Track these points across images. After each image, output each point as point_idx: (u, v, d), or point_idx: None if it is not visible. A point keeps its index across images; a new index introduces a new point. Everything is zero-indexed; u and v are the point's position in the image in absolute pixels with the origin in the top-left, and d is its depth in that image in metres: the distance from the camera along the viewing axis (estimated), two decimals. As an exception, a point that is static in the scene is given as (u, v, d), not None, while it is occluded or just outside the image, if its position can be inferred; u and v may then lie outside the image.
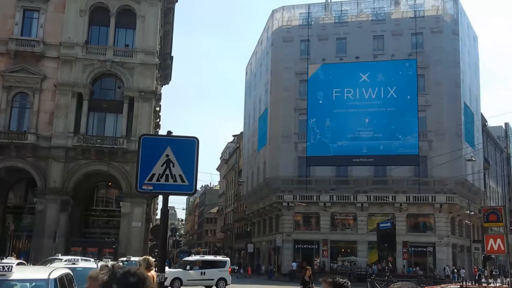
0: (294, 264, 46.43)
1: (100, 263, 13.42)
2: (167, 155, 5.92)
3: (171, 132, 6.21)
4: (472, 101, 55.76)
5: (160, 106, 48.07)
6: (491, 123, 70.15)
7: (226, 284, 30.07)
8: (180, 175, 5.92)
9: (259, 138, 58.88)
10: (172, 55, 49.38)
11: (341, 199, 48.85)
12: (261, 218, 59.03)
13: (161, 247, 6.32)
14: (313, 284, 14.63)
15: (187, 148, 6.05)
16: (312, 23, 53.34)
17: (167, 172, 5.89)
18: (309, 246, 49.81)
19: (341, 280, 3.61)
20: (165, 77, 49.74)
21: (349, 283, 3.71)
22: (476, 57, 59.73)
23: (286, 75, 52.90)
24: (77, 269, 11.89)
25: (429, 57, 50.00)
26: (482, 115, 61.67)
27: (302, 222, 51.04)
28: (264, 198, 55.25)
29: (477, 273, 45.14)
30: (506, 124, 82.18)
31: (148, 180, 5.87)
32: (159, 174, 5.88)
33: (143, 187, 5.90)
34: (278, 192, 50.89)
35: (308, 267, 14.82)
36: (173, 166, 5.92)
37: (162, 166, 5.89)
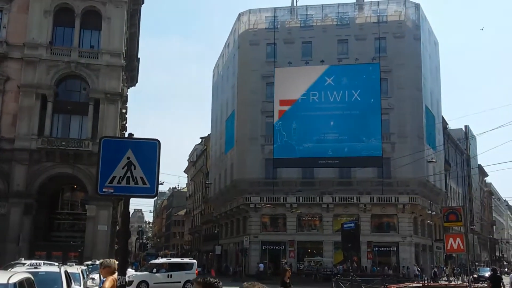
0: (261, 265, 46.47)
1: (64, 268, 13.15)
2: (128, 158, 5.87)
3: (133, 135, 6.14)
4: (433, 104, 56.98)
5: (126, 108, 47.42)
6: (451, 125, 71.97)
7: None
8: (141, 178, 5.87)
9: (227, 140, 58.79)
10: (138, 57, 48.84)
11: (307, 201, 49.17)
12: (228, 220, 58.90)
13: (122, 250, 6.24)
14: (292, 286, 14.54)
15: (148, 150, 6.00)
16: (278, 26, 53.66)
17: (128, 174, 5.83)
18: (276, 247, 49.94)
19: (211, 280, 3.59)
20: (131, 79, 49.12)
21: (220, 283, 3.66)
22: (437, 62, 61.06)
23: (253, 78, 53.01)
24: (39, 273, 11.64)
25: (392, 61, 50.86)
26: (443, 118, 63.09)
27: (269, 224, 51.14)
28: (231, 200, 55.15)
29: (433, 271, 45.83)
30: (466, 127, 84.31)
31: (109, 183, 5.80)
32: (120, 176, 5.81)
33: (104, 190, 5.82)
34: (245, 194, 50.88)
35: (288, 268, 14.69)
36: (135, 169, 5.87)
37: (123, 168, 5.83)
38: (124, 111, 45.09)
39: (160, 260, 33.64)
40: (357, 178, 49.37)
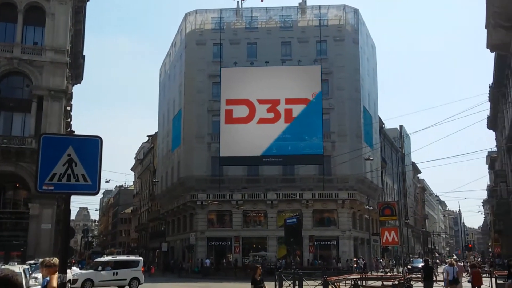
0: (207, 261, 46.29)
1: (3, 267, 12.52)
2: (69, 155, 5.62)
3: (74, 132, 5.93)
4: (371, 104, 58.48)
5: (71, 106, 45.79)
6: (387, 125, 74.09)
7: (139, 284, 29.38)
8: (82, 175, 5.64)
9: (173, 138, 58.08)
10: (84, 54, 47.33)
11: (252, 197, 49.35)
12: (175, 217, 58.26)
13: (62, 248, 5.96)
14: (263, 284, 14.23)
15: (90, 148, 5.78)
16: (224, 27, 53.51)
17: (69, 171, 5.59)
18: (222, 243, 49.88)
19: (8, 275, 3.16)
20: (76, 76, 47.52)
21: (19, 277, 3.25)
22: (374, 64, 62.71)
23: (200, 77, 52.63)
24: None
25: (332, 63, 51.82)
26: (379, 118, 64.86)
27: (215, 220, 50.95)
28: (178, 197, 54.56)
29: (363, 263, 46.33)
30: (401, 126, 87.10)
31: (49, 180, 5.53)
32: (61, 174, 5.56)
33: (44, 187, 5.55)
34: (192, 191, 50.47)
35: (258, 265, 14.35)
36: (76, 166, 5.63)
37: (63, 165, 5.58)
38: (68, 108, 43.49)
39: (106, 258, 32.80)
40: (300, 175, 49.99)
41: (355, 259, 47.17)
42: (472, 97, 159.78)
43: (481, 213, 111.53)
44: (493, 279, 24.51)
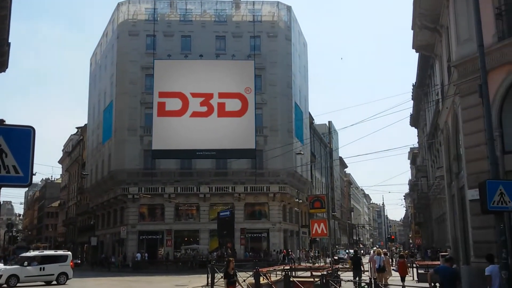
0: (138, 255, 45.34)
1: None
2: (-1, 145, 5.19)
3: (4, 121, 5.46)
4: (302, 101, 59.50)
5: (-6, 95, 43.19)
6: (317, 121, 75.80)
7: (68, 279, 28.28)
8: (13, 166, 5.22)
9: (104, 130, 56.23)
10: (9, 41, 44.64)
11: (185, 191, 48.85)
12: (105, 211, 56.57)
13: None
14: (237, 277, 13.94)
15: (21, 138, 5.35)
16: (158, 19, 52.34)
17: (-1, 163, 5.16)
18: (154, 237, 49.00)
19: None
20: (1, 64, 44.78)
21: None
22: (306, 61, 63.79)
23: (132, 68, 51.26)
24: None
25: (265, 59, 52.16)
26: (310, 114, 66.14)
27: (147, 214, 49.96)
28: (108, 190, 52.99)
29: (281, 255, 46.92)
30: (330, 123, 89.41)
31: (-25, 172, 5.08)
32: (-10, 165, 5.12)
33: (-31, 179, 5.09)
34: (123, 185, 49.18)
35: (231, 258, 13.93)
36: (6, 157, 5.20)
37: (-7, 156, 5.14)
38: (-8, 98, 40.95)
39: (32, 253, 31.25)
40: (232, 169, 50.04)
41: (285, 250, 47.94)
42: (397, 95, 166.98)
43: (403, 206, 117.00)
44: (415, 269, 25.65)
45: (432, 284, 11.60)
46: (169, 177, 49.39)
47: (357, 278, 21.25)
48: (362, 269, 24.27)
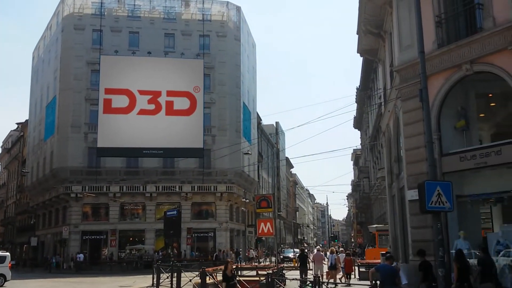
0: (81, 255, 44.06)
1: None
2: None
3: None
4: (250, 101, 59.77)
5: None
6: (265, 121, 76.34)
7: (6, 280, 27.12)
8: None
9: (47, 127, 54.25)
10: None
11: (130, 190, 47.94)
12: (46, 210, 54.60)
13: None
14: (236, 280, 13.05)
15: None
16: (105, 13, 51.00)
17: None
18: (98, 237, 47.75)
19: None
20: None
21: None
22: (254, 62, 64.14)
23: (77, 63, 49.79)
24: None
25: (214, 58, 52.05)
26: (257, 114, 66.54)
27: (90, 213, 48.63)
28: (50, 189, 51.19)
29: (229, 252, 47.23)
30: (277, 123, 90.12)
31: None
32: None
33: None
34: (66, 183, 47.67)
35: (230, 260, 13.07)
36: None
37: None
38: None
39: (-34, 255, 29.70)
40: (180, 168, 49.56)
41: (233, 250, 48.12)
42: (343, 98, 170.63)
43: (346, 206, 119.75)
44: (356, 267, 26.34)
45: (373, 281, 11.94)
46: (114, 175, 48.33)
47: (304, 275, 21.82)
48: (308, 266, 24.91)
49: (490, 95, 15.71)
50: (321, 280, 14.58)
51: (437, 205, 10.72)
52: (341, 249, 29.58)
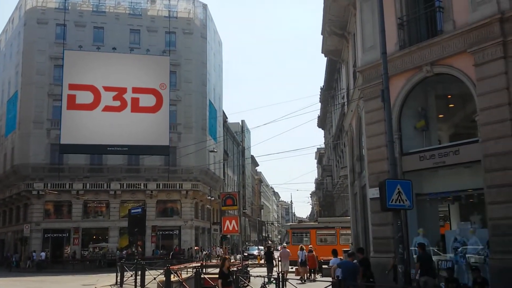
0: (43, 254, 42.98)
1: None
2: None
3: None
4: (216, 99, 59.56)
5: None
6: (230, 119, 76.24)
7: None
8: None
9: (7, 122, 52.61)
10: None
11: (94, 187, 47.05)
12: (7, 208, 52.91)
13: None
14: (233, 277, 12.45)
15: None
16: (69, 8, 49.79)
17: None
18: (60, 235, 46.64)
19: None
20: None
21: None
22: (220, 60, 63.92)
23: (40, 58, 48.50)
24: None
25: (180, 55, 51.62)
26: (223, 112, 66.37)
27: (52, 211, 47.44)
28: (11, 186, 49.67)
29: (189, 251, 47.02)
30: (243, 121, 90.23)
31: None
32: None
33: None
34: (27, 180, 46.35)
35: (227, 256, 12.44)
36: None
37: None
38: None
39: None
40: (145, 165, 48.92)
41: (196, 248, 47.85)
42: (307, 97, 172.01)
43: (310, 204, 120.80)
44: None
45: (335, 277, 12.08)
46: (77, 173, 47.36)
47: (270, 272, 22.11)
48: (274, 263, 25.19)
49: (449, 96, 16.08)
50: (285, 277, 14.65)
51: (397, 203, 10.89)
52: (310, 246, 30.04)
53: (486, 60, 12.33)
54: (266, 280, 17.87)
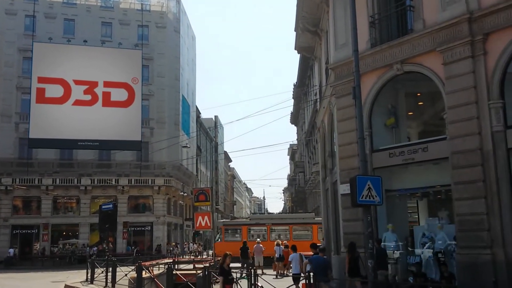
0: (11, 250, 42.13)
1: None
2: None
3: None
4: (189, 94, 59.22)
5: None
6: (204, 115, 75.90)
7: None
8: None
9: (-27, 116, 51.19)
10: None
11: (64, 182, 46.30)
12: (-28, 203, 51.65)
13: None
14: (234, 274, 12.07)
15: None
16: (38, -1, 48.80)
17: None
18: (29, 231, 45.75)
19: None
20: None
21: None
22: (194, 55, 63.54)
23: (8, 50, 47.38)
24: None
25: (153, 49, 51.10)
26: (197, 107, 66.05)
27: (21, 207, 46.49)
28: (-23, 181, 48.48)
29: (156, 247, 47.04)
30: (216, 117, 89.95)
31: None
32: None
33: None
34: (-6, 175, 45.36)
35: (229, 252, 11.99)
36: None
37: None
38: None
39: None
40: (116, 160, 48.33)
41: (173, 243, 47.59)
42: (281, 93, 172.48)
43: (282, 200, 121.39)
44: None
45: (306, 273, 12.19)
46: (47, 168, 46.52)
47: (245, 266, 22.32)
48: (249, 258, 25.39)
49: (419, 94, 16.37)
50: (257, 272, 14.70)
51: (367, 199, 11.03)
52: (284, 242, 30.50)
53: (455, 59, 12.56)
54: (238, 275, 17.91)
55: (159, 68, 51.22)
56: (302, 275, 14.43)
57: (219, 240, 34.69)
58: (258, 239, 30.80)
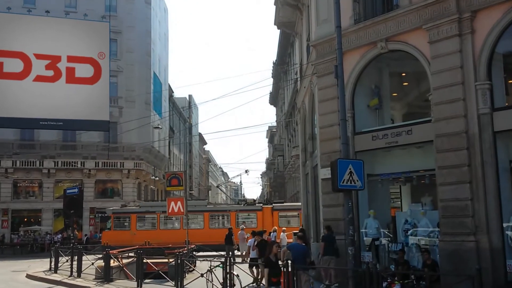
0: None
1: None
2: None
3: None
4: (161, 71, 58.65)
5: None
6: (177, 94, 75.39)
7: None
8: None
9: None
10: None
11: (25, 165, 45.80)
12: None
13: None
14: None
15: None
16: (-4, -35, 47.49)
17: None
18: (-14, 217, 45.29)
19: None
20: None
21: None
22: (166, 29, 62.81)
23: (-39, 21, 45.99)
24: None
25: (122, 22, 50.37)
26: (169, 86, 65.51)
27: (-23, 191, 45.89)
28: None
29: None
30: (190, 96, 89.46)
31: None
32: None
33: None
34: None
35: (276, 245, 11.81)
36: None
37: None
38: None
39: None
40: (82, 142, 47.88)
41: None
42: (259, 72, 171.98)
43: (260, 185, 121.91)
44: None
45: (285, 260, 12.38)
46: (6, 149, 45.82)
47: (230, 253, 23.14)
48: (234, 244, 25.98)
49: (403, 74, 16.52)
50: (234, 260, 14.84)
51: (348, 184, 11.20)
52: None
53: (441, 37, 12.68)
54: (214, 264, 18.06)
55: (128, 42, 50.51)
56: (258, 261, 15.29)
57: (109, 228, 34.71)
58: (242, 226, 30.96)
